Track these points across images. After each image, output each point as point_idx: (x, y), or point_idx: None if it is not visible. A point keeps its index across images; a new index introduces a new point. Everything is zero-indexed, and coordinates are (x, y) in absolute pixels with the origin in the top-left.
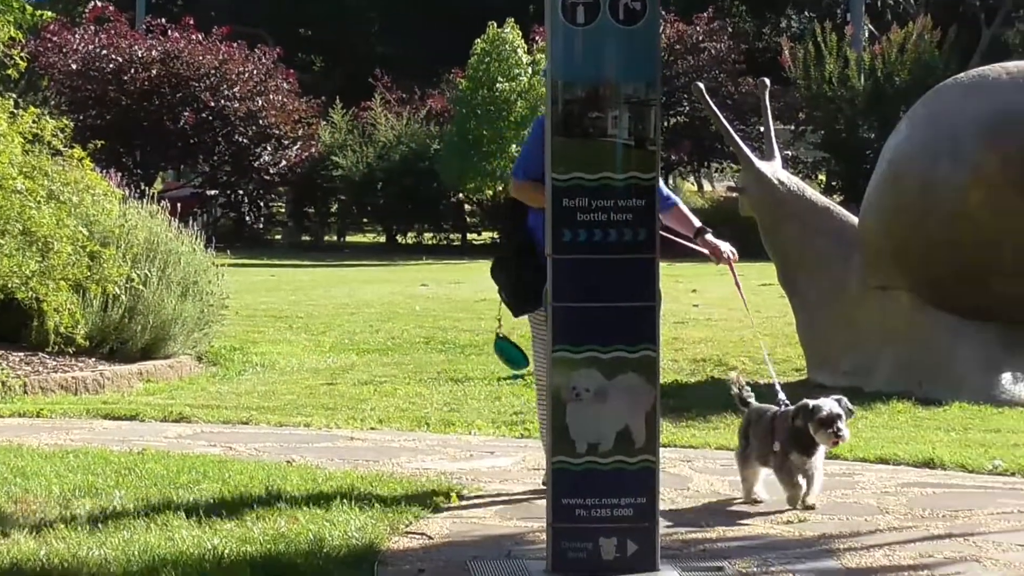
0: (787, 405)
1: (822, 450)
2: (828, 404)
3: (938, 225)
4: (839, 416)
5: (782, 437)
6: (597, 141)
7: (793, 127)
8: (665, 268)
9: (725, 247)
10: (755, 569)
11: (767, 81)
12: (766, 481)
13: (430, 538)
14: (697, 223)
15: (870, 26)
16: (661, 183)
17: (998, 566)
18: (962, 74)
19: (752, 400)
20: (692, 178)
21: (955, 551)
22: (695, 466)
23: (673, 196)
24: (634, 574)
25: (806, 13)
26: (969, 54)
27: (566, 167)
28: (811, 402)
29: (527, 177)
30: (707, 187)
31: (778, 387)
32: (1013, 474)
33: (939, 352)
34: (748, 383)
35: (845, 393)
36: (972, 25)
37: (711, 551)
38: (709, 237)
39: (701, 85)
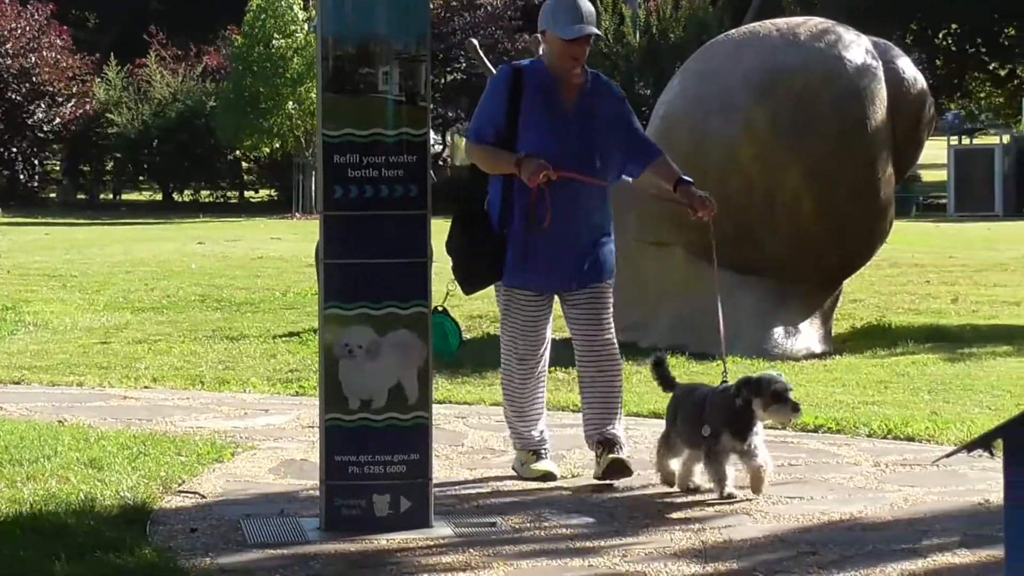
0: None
1: (760, 431)
2: (776, 376)
3: (710, 181)
4: (791, 387)
5: (715, 418)
6: (368, 97)
7: None
8: (439, 223)
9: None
10: (528, 524)
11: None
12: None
13: (203, 496)
14: (679, 173)
15: None
16: (641, 130)
17: (767, 518)
18: (733, 31)
19: (677, 379)
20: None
21: (727, 503)
22: (469, 422)
23: (655, 145)
24: (407, 531)
25: None
26: (742, 12)
27: (337, 123)
28: (755, 376)
29: (479, 140)
30: None
31: (724, 365)
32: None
33: (711, 306)
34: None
35: (619, 347)
36: None
37: (485, 507)
38: (692, 189)
39: (475, 41)
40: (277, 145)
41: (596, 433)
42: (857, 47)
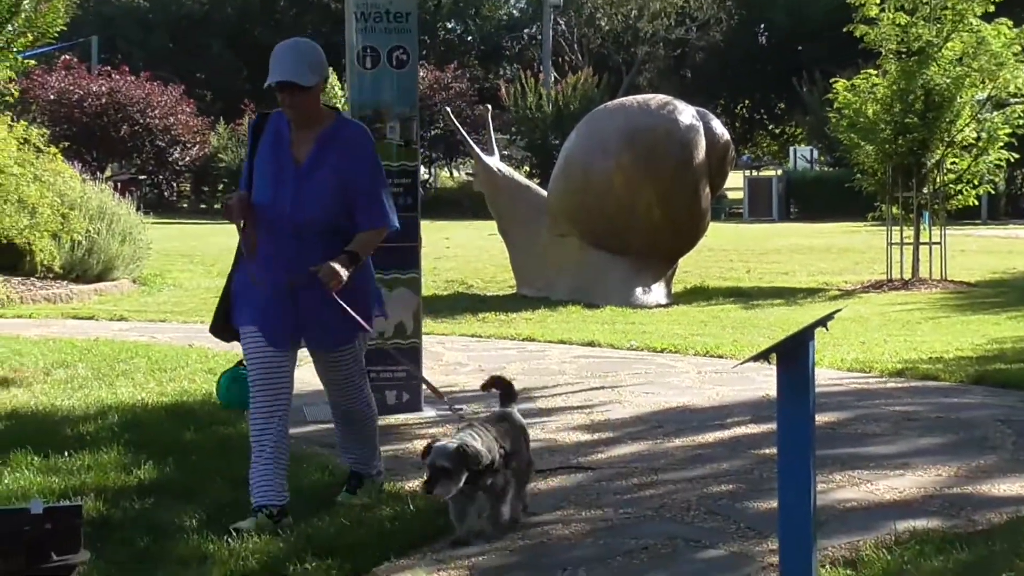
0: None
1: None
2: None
3: (594, 198)
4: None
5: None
6: (380, 142)
7: (508, 136)
8: (427, 223)
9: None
10: (481, 409)
11: (490, 107)
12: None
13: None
14: (353, 247)
15: (555, 73)
16: (373, 191)
17: (632, 406)
18: (609, 103)
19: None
20: (446, 168)
21: (606, 397)
22: (446, 346)
23: (374, 216)
24: (406, 413)
25: (515, 65)
26: (616, 91)
27: None
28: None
29: (240, 187)
30: (456, 174)
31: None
32: (642, 350)
33: (596, 274)
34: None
35: (538, 301)
36: (617, 73)
37: (454, 399)
38: (332, 264)
39: (448, 109)
40: None
41: (350, 461)
42: (686, 112)
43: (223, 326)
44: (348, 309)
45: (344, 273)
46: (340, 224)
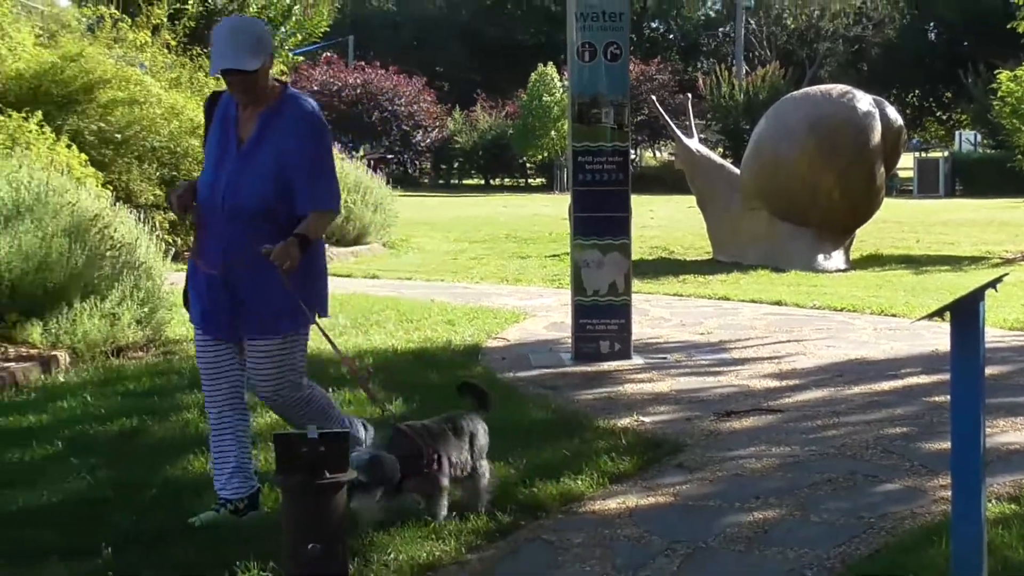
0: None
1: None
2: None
3: (781, 178)
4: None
5: None
6: (596, 125)
7: (705, 122)
8: (634, 197)
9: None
10: (683, 357)
11: (690, 96)
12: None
13: (508, 341)
14: (302, 229)
15: (746, 67)
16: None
17: (815, 357)
18: (795, 92)
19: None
20: (650, 150)
21: (792, 349)
22: (651, 304)
23: (316, 196)
24: (618, 360)
25: (711, 59)
26: (800, 82)
27: (579, 140)
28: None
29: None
30: (658, 154)
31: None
32: (823, 309)
33: (782, 243)
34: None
35: (732, 266)
36: (801, 66)
37: (659, 348)
38: (282, 244)
39: (653, 98)
40: (545, 154)
41: None
42: (864, 101)
43: (186, 302)
44: (295, 297)
45: (295, 256)
46: (275, 208)
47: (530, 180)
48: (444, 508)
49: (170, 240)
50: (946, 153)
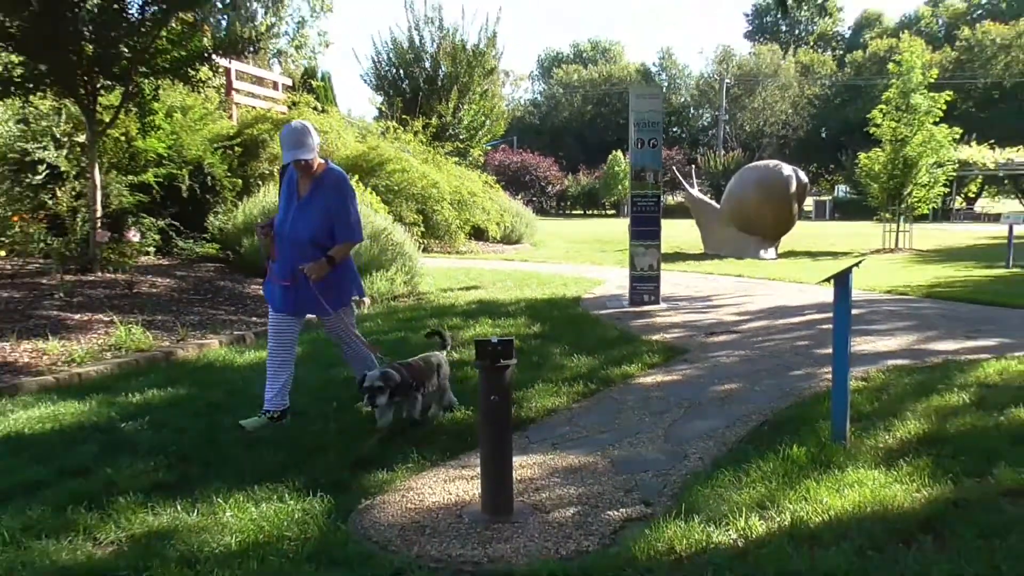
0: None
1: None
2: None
3: (742, 210)
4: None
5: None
6: (644, 182)
7: (700, 179)
8: (664, 220)
9: (308, 270)
10: (687, 304)
11: (693, 166)
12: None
13: (594, 295)
14: (330, 252)
15: (723, 150)
16: (344, 217)
17: (759, 304)
18: (748, 164)
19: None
20: (671, 196)
21: (746, 300)
22: (670, 276)
23: (345, 233)
24: (652, 305)
25: (705, 147)
26: (752, 158)
27: (635, 189)
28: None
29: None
30: (674, 198)
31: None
32: (763, 279)
33: (742, 244)
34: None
35: (713, 256)
36: (752, 150)
37: (675, 299)
38: (315, 263)
39: (675, 168)
40: (616, 197)
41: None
42: (787, 168)
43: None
44: (319, 297)
45: (323, 270)
46: (321, 239)
47: (608, 211)
48: (417, 411)
49: (422, 242)
50: (830, 197)
